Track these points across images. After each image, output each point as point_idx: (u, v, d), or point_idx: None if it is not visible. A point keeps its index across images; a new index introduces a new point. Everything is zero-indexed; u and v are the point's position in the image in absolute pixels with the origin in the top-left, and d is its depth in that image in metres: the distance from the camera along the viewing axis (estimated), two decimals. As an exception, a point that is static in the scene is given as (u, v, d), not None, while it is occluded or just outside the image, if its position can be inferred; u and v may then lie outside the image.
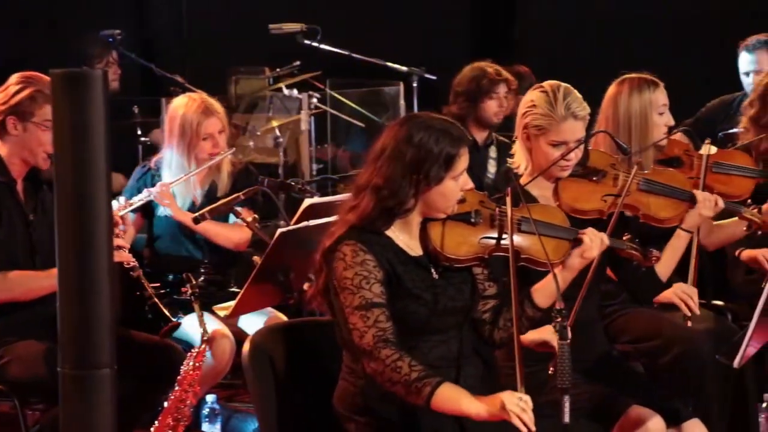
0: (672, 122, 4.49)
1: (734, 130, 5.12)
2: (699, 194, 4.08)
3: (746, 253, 4.71)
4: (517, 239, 3.40)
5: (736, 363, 3.68)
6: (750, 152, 4.80)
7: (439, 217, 3.34)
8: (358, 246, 3.21)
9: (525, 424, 3.02)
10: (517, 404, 3.04)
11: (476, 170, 5.34)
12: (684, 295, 4.12)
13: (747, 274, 4.96)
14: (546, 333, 3.45)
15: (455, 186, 3.29)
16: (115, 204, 4.46)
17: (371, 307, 3.16)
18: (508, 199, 3.34)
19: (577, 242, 3.49)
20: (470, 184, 3.37)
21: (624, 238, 3.71)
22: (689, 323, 4.12)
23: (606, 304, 4.29)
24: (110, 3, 8.28)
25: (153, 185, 4.91)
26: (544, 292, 3.39)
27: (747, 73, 6.06)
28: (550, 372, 3.47)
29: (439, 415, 3.21)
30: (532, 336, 3.51)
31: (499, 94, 5.92)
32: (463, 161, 3.29)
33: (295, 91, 7.35)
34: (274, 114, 7.46)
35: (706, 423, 3.78)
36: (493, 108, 5.91)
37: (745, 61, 6.13)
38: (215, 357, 4.55)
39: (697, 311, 4.14)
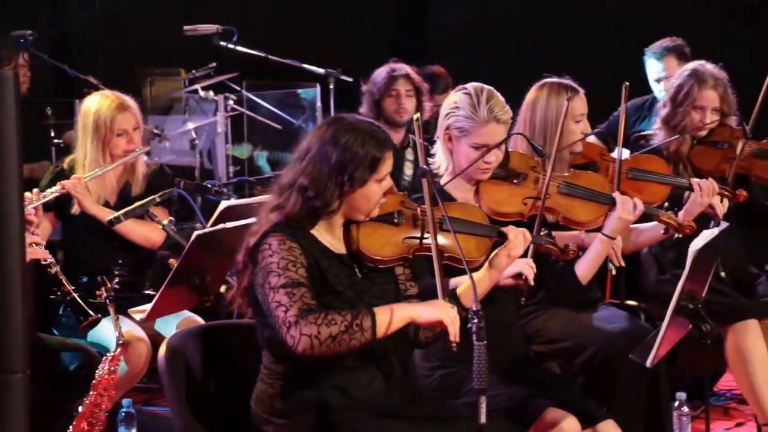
0: (588, 130, 4.54)
1: (647, 131, 5.20)
2: (619, 197, 4.13)
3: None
4: (440, 238, 3.42)
5: (648, 362, 3.73)
6: (662, 153, 4.88)
7: (360, 219, 3.35)
8: (284, 236, 3.20)
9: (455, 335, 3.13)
10: (452, 312, 3.16)
11: (393, 172, 5.34)
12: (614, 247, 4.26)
13: (659, 275, 5.03)
14: (519, 265, 3.52)
15: (378, 189, 3.31)
16: (27, 195, 4.40)
17: (298, 285, 3.15)
18: (427, 197, 3.35)
19: (500, 240, 3.52)
20: (391, 186, 3.38)
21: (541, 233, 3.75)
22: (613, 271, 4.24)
23: (522, 305, 4.32)
24: (23, 3, 8.15)
25: (67, 186, 4.85)
26: (471, 293, 3.41)
27: (658, 80, 6.16)
28: (522, 302, 3.70)
29: (358, 418, 3.22)
30: (507, 270, 3.55)
31: (399, 92, 5.94)
32: (388, 165, 3.31)
33: (211, 93, 7.31)
34: (190, 116, 7.41)
35: (620, 422, 3.82)
36: (391, 106, 5.93)
37: (654, 69, 6.22)
38: (131, 361, 4.50)
39: (619, 263, 4.25)
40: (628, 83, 4.46)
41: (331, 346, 3.09)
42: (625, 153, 4.63)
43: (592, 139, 4.73)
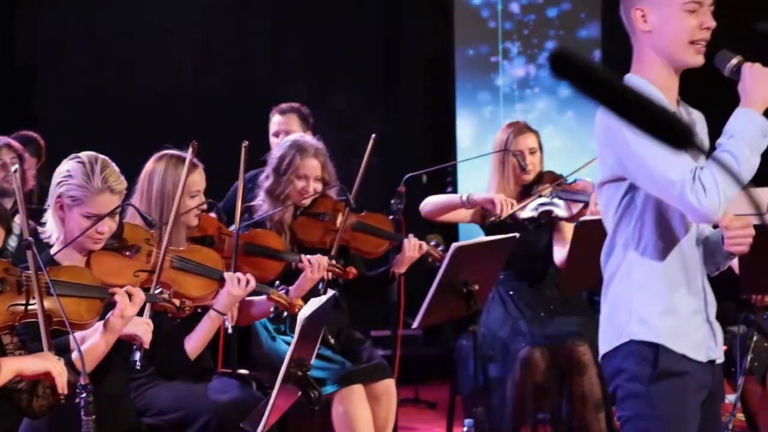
0: (204, 206, 4.54)
1: (253, 203, 5.25)
2: (229, 275, 4.17)
3: None
4: (48, 303, 3.34)
5: (259, 430, 3.77)
6: (265, 225, 4.97)
7: None
8: None
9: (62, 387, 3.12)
10: (59, 364, 3.14)
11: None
12: None
13: (270, 342, 5.11)
14: (134, 325, 3.53)
15: None
16: None
17: None
18: (32, 265, 3.27)
19: (113, 302, 3.49)
20: None
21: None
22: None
23: (133, 377, 4.27)
24: None
25: None
26: (88, 357, 3.35)
27: (276, 134, 6.21)
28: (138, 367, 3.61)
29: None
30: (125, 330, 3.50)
31: (5, 161, 5.81)
32: None
33: None
34: None
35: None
36: None
37: (275, 124, 6.32)
38: None
39: None
40: (247, 142, 4.50)
41: None
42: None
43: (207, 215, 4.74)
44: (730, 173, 2.89)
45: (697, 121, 3.21)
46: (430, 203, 5.66)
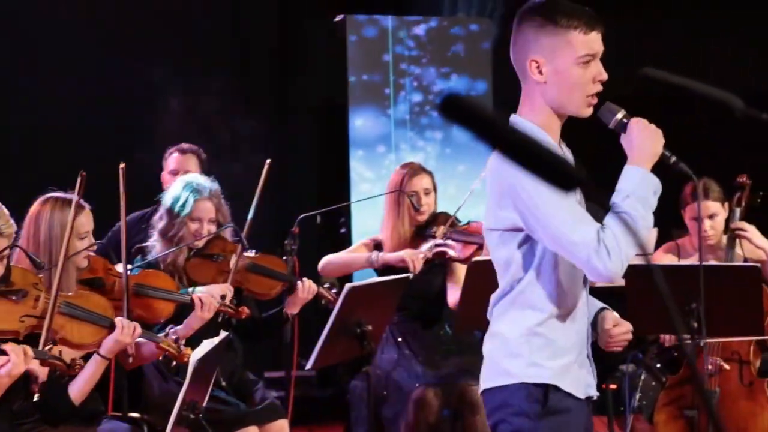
0: (94, 248, 4.48)
1: (146, 243, 5.20)
2: (119, 321, 4.11)
3: None
4: None
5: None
6: (159, 266, 4.93)
7: None
8: None
9: None
10: None
11: None
12: None
13: (163, 383, 5.06)
14: None
15: None
16: None
17: None
18: None
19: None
20: None
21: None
22: None
23: (20, 422, 4.19)
24: None
25: None
26: None
27: (174, 172, 6.12)
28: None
29: None
30: None
31: None
32: None
33: None
34: None
35: None
36: None
37: (176, 160, 6.27)
38: None
39: None
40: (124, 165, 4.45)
41: None
42: (119, 267, 4.61)
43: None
44: (630, 234, 2.95)
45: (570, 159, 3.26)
46: (332, 263, 5.73)
